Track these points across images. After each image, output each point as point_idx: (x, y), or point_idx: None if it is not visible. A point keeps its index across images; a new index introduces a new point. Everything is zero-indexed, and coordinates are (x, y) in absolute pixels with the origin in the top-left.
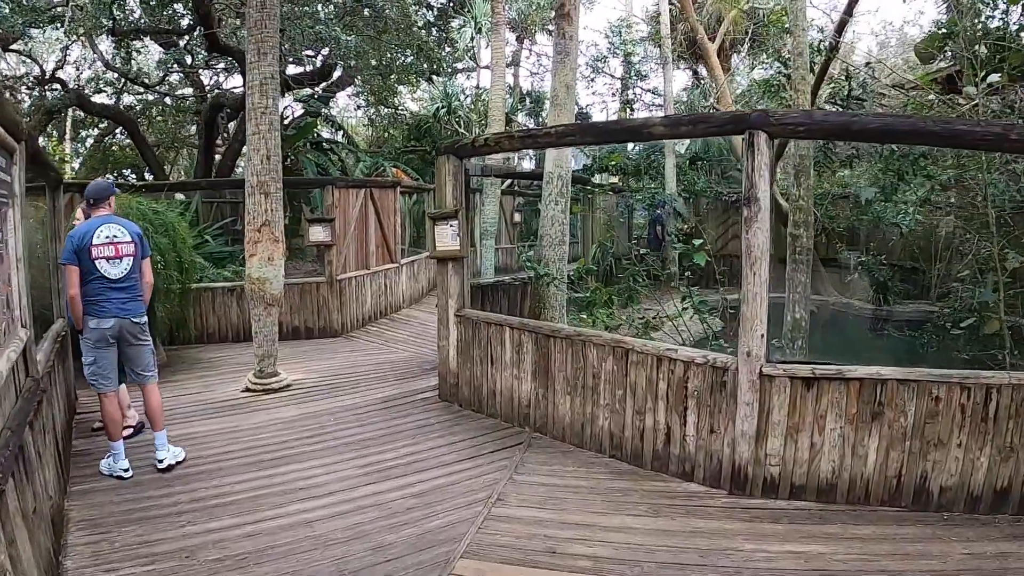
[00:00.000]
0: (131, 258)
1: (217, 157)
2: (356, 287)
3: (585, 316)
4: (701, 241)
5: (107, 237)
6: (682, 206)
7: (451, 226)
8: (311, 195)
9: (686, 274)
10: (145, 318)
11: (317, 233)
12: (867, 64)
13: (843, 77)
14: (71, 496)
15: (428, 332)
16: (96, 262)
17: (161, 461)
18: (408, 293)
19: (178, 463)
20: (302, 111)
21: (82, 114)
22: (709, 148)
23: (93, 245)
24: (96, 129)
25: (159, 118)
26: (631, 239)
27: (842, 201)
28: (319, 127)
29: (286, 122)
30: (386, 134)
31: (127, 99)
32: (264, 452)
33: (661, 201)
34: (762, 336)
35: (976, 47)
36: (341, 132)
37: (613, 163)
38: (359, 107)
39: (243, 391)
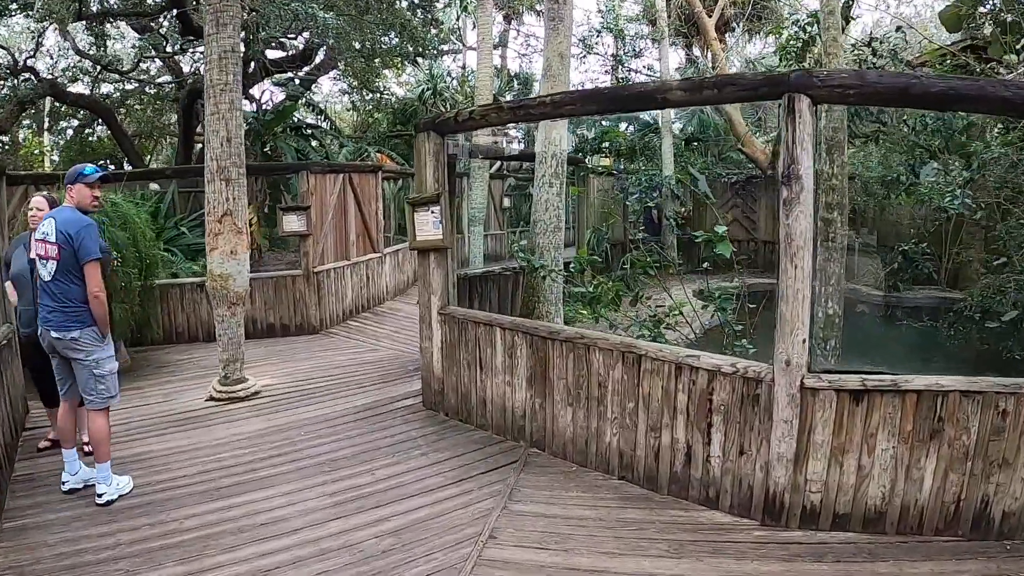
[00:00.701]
0: (54, 261)
1: (199, 146)
2: (335, 280)
3: (586, 312)
4: (725, 229)
5: (42, 233)
6: (696, 186)
7: (432, 212)
8: (289, 181)
9: (704, 264)
10: (73, 334)
11: (291, 223)
12: (898, 29)
13: (865, 43)
14: (2, 535)
15: (413, 327)
16: (36, 260)
17: (100, 496)
18: (392, 284)
19: (122, 496)
20: (284, 96)
21: (59, 104)
22: (706, 128)
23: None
24: (75, 120)
25: (137, 107)
26: (627, 224)
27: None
28: (301, 112)
29: (266, 107)
30: (370, 119)
31: (105, 88)
32: (223, 476)
33: (658, 184)
34: (804, 341)
35: (1010, 12)
36: (323, 117)
37: (608, 142)
38: (343, 92)
39: (207, 400)
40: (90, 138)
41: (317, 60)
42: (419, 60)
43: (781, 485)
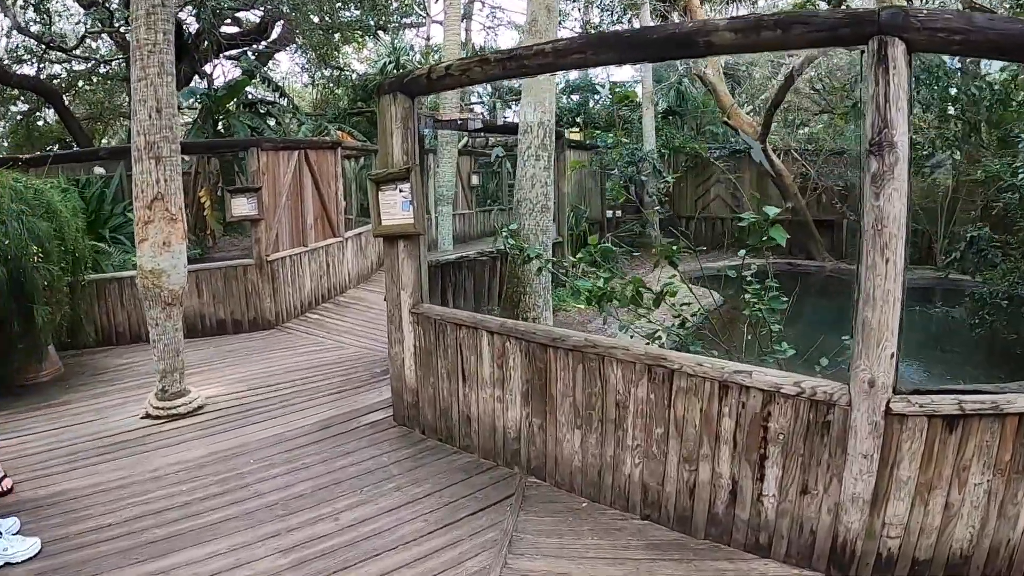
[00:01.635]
0: None
1: None
2: (292, 268)
3: (584, 305)
4: (777, 212)
5: None
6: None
7: (401, 192)
8: (242, 160)
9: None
10: None
11: (241, 206)
12: None
13: None
14: None
15: (379, 318)
16: None
17: None
18: (355, 271)
19: (28, 559)
20: (240, 73)
21: (2, 87)
22: (684, 101)
23: None
24: (26, 104)
25: (87, 88)
26: (605, 202)
27: (835, 157)
28: (258, 90)
29: (217, 81)
30: (330, 95)
31: (55, 69)
32: (154, 525)
33: (641, 158)
34: (892, 356)
35: None
36: (280, 94)
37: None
38: (303, 69)
39: (143, 418)
40: (37, 122)
41: (274, 35)
42: (380, 34)
43: (854, 531)
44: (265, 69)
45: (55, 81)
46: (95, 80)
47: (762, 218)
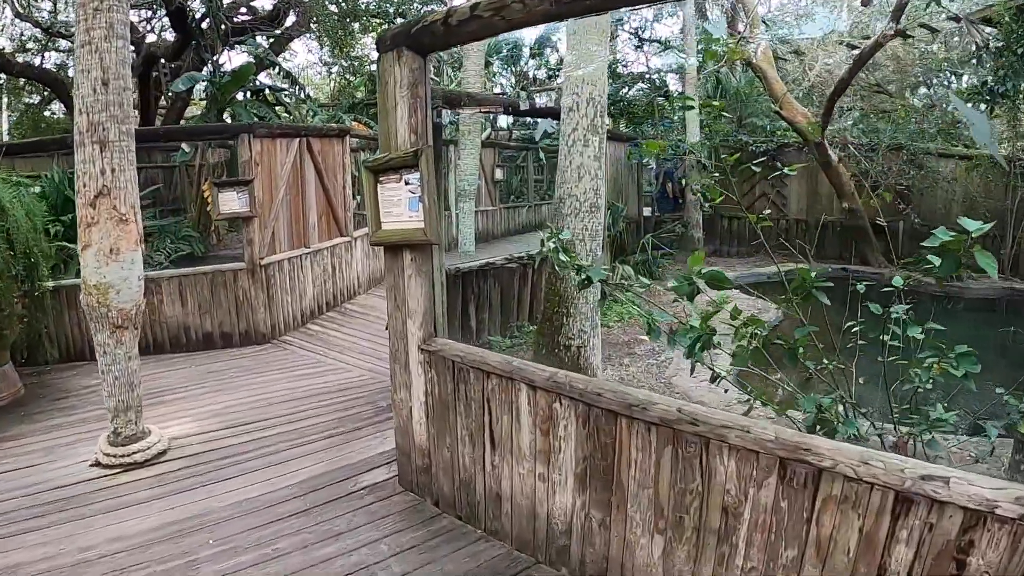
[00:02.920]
0: None
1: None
2: (290, 273)
3: (625, 318)
4: (983, 227)
5: None
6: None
7: (408, 185)
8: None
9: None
10: None
11: (229, 201)
12: None
13: None
14: None
15: None
16: None
17: None
18: (366, 274)
19: None
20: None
21: (6, 77)
22: (725, 91)
23: None
24: (37, 96)
25: None
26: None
27: (892, 153)
28: (270, 80)
29: (224, 68)
30: (347, 85)
31: (58, 58)
32: None
33: (686, 150)
34: None
35: None
36: (292, 83)
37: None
38: (321, 62)
39: (92, 465)
40: (44, 112)
41: (288, 22)
42: (400, 20)
43: None
44: (279, 58)
45: (60, 71)
46: None
47: (961, 236)
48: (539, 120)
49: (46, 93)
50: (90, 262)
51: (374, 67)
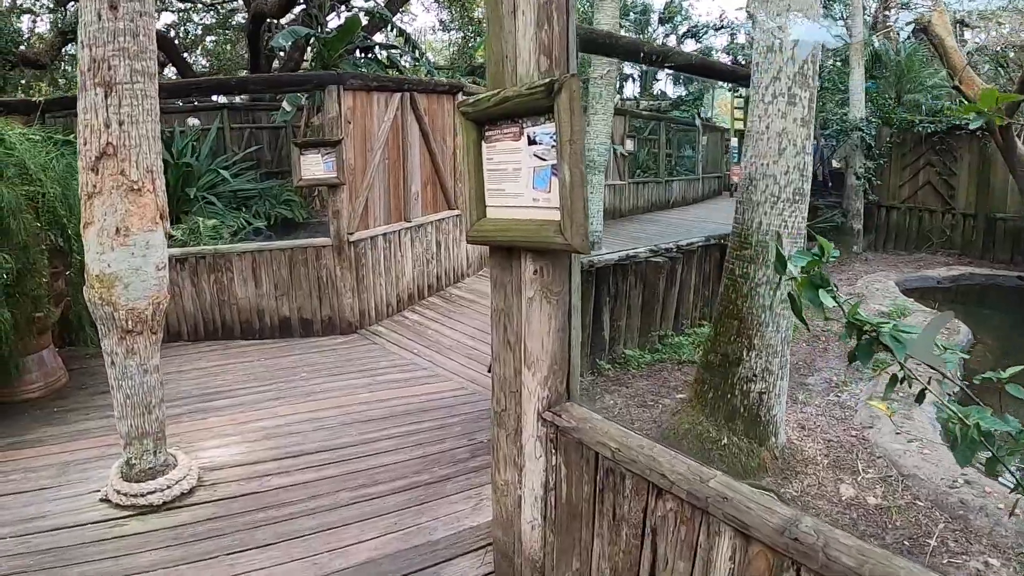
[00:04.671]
0: None
1: None
2: (385, 251)
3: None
4: None
5: None
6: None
7: (533, 144)
8: (316, 104)
9: None
10: None
11: (313, 165)
12: None
13: None
14: None
15: None
16: None
17: None
18: (475, 253)
19: None
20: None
21: None
22: (880, 64)
23: None
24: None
25: (209, 38)
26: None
27: None
28: (387, 37)
29: (331, 24)
30: (466, 45)
31: (167, 17)
32: None
33: (853, 127)
34: None
35: None
36: (404, 39)
37: None
38: (436, 20)
39: (102, 500)
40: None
41: None
42: None
43: None
44: (395, 18)
45: (174, 32)
46: (227, 34)
47: None
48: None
49: (161, 56)
50: (92, 245)
51: None
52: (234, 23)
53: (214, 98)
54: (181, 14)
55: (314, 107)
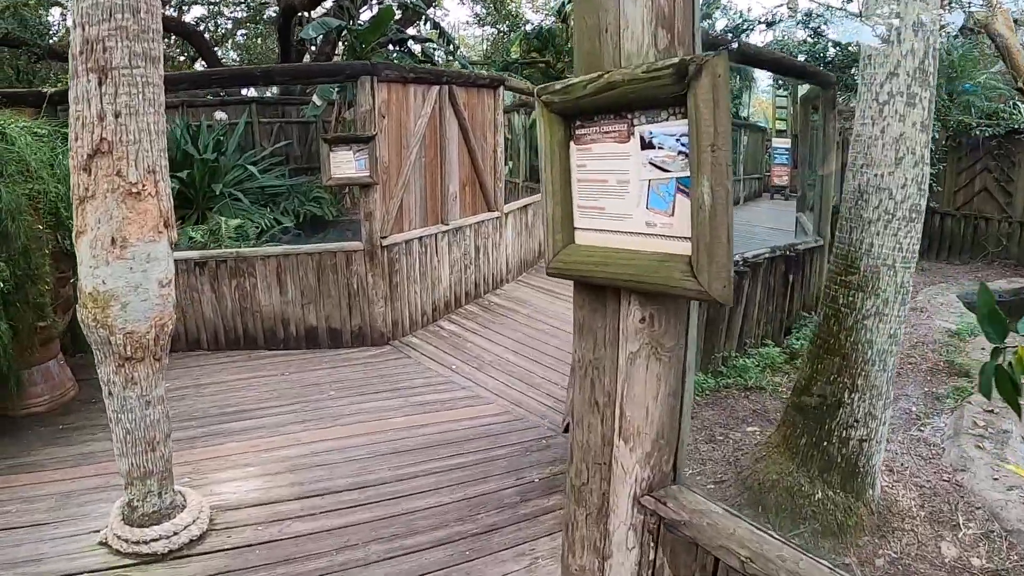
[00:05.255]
0: None
1: None
2: (420, 256)
3: None
4: None
5: None
6: None
7: (650, 148)
8: (348, 99)
9: None
10: None
11: (344, 163)
12: None
13: None
14: None
15: (547, 337)
16: None
17: None
18: (516, 258)
19: None
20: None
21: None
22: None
23: None
24: (183, 55)
25: (239, 31)
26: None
27: None
28: (420, 31)
29: (363, 17)
30: (502, 40)
31: (197, 11)
32: None
33: None
34: None
35: None
36: (439, 32)
37: None
38: (471, 12)
39: (101, 543)
40: (180, 68)
41: None
42: None
43: None
44: (429, 10)
45: (203, 25)
46: (257, 28)
47: None
48: None
49: (191, 51)
50: (85, 258)
51: (529, 27)
52: (265, 17)
53: (243, 92)
54: (212, 7)
55: (345, 102)
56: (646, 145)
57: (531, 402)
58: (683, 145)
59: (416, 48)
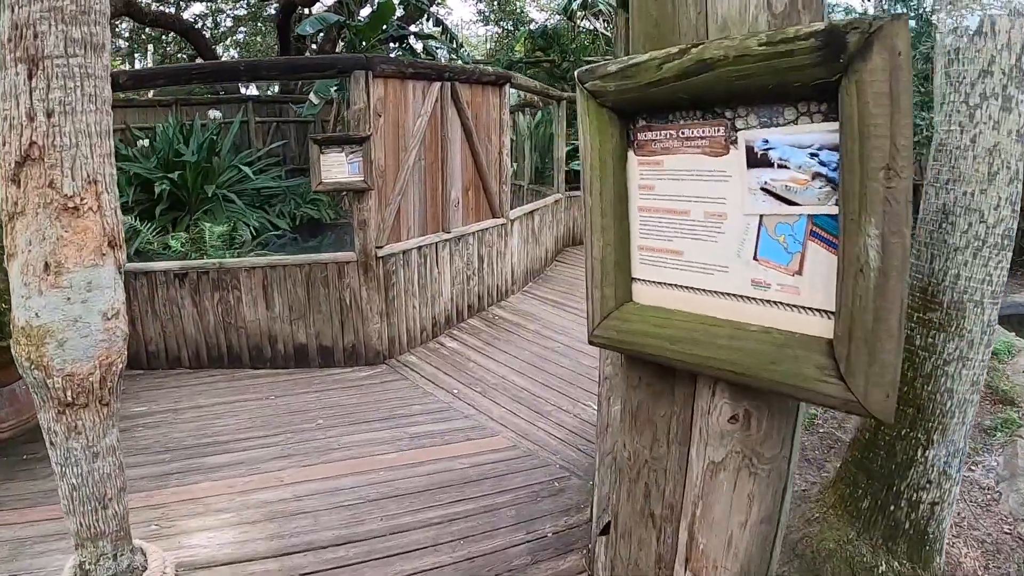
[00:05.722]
0: None
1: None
2: (419, 267)
3: None
4: None
5: None
6: None
7: (777, 164)
8: (341, 94)
9: None
10: None
11: (335, 166)
12: None
13: None
14: None
15: (560, 358)
16: None
17: None
18: (522, 267)
19: None
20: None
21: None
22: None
23: None
24: (185, 53)
25: (240, 30)
26: None
27: None
28: (422, 25)
29: (364, 13)
30: (506, 38)
31: (197, 8)
32: None
33: None
34: None
35: None
36: (441, 29)
37: None
38: (479, 15)
39: None
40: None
41: None
42: None
43: None
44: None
45: (200, 25)
46: (258, 27)
47: None
48: None
49: (192, 51)
50: (16, 285)
51: (533, 26)
52: (265, 14)
53: (242, 90)
54: (211, 5)
55: (344, 100)
56: (757, 161)
57: (540, 433)
58: (825, 164)
59: (418, 45)
